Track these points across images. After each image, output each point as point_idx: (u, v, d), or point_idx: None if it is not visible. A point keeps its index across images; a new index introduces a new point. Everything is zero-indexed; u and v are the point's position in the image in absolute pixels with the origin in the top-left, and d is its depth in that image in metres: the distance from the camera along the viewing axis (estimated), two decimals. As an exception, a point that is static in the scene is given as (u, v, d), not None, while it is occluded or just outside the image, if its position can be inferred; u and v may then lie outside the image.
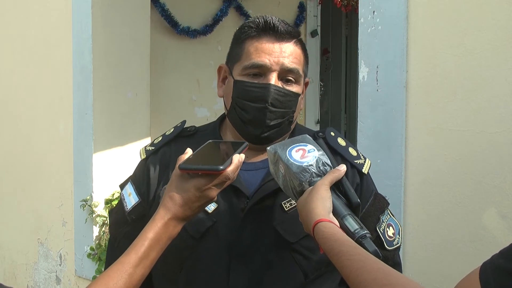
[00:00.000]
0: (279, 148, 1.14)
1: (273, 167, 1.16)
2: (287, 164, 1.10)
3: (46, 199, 3.36)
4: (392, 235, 1.31)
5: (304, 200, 1.08)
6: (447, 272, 1.69)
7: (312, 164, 1.10)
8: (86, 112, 2.96)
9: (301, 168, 1.09)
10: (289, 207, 1.24)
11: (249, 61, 1.25)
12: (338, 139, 1.35)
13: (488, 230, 1.60)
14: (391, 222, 1.33)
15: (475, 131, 1.63)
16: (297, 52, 1.27)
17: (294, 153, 1.11)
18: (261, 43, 1.25)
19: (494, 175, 1.59)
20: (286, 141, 1.16)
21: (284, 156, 1.11)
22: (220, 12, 3.87)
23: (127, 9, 3.02)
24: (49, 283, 3.42)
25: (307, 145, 1.14)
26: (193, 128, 1.40)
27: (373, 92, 1.84)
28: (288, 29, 1.25)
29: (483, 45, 1.61)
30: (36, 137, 3.39)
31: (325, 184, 1.07)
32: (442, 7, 1.69)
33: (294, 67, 1.25)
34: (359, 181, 1.31)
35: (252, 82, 1.25)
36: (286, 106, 1.25)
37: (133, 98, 3.07)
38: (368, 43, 1.86)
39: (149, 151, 1.37)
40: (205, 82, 3.94)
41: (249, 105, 1.25)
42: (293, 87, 1.26)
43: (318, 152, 1.12)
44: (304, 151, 1.12)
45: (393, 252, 1.31)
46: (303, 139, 1.16)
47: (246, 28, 1.29)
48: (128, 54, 3.04)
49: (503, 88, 1.57)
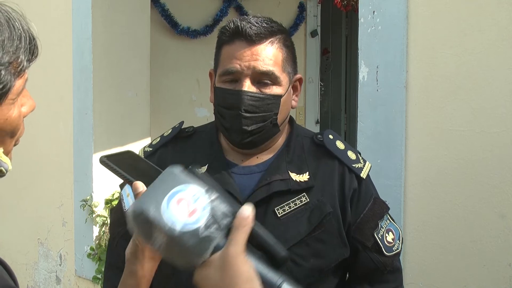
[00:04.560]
0: (147, 206, 0.72)
1: (138, 229, 0.74)
2: (173, 236, 0.70)
3: (46, 199, 3.36)
4: (391, 241, 1.30)
5: (215, 284, 0.73)
6: (447, 272, 1.69)
7: (210, 224, 0.72)
8: (86, 112, 2.96)
9: (198, 237, 0.70)
10: (282, 213, 1.23)
11: (223, 68, 1.25)
12: (337, 142, 1.33)
13: (488, 230, 1.60)
14: (391, 227, 1.31)
15: (475, 131, 1.63)
16: (272, 53, 1.23)
17: (176, 207, 0.71)
18: (233, 49, 1.24)
19: (494, 175, 1.59)
20: (153, 187, 0.74)
21: (162, 223, 0.70)
22: (220, 12, 3.87)
23: (127, 9, 3.02)
24: (49, 283, 3.42)
25: (187, 187, 0.74)
26: (191, 129, 1.39)
27: (373, 92, 1.84)
28: (260, 31, 1.22)
29: (483, 45, 1.61)
30: (36, 137, 3.39)
31: (240, 251, 0.72)
32: (442, 7, 1.69)
33: (267, 69, 1.21)
34: (357, 186, 1.28)
35: (226, 89, 1.24)
36: (264, 110, 1.22)
37: (133, 98, 3.07)
38: (368, 43, 1.86)
39: (147, 152, 1.37)
40: (205, 82, 3.92)
41: (226, 112, 1.24)
42: (271, 90, 1.23)
43: (207, 197, 0.73)
44: (187, 201, 0.73)
45: (392, 258, 1.29)
46: (173, 175, 0.76)
47: (221, 34, 1.28)
48: (128, 54, 3.04)
49: (503, 88, 1.57)
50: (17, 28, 0.76)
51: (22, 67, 0.77)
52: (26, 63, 0.78)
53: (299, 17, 4.45)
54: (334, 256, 1.24)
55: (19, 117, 0.80)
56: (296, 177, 1.26)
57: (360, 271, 1.30)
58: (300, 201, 1.24)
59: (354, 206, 1.28)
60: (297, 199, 1.24)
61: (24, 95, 0.82)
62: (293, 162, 1.29)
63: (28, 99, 0.83)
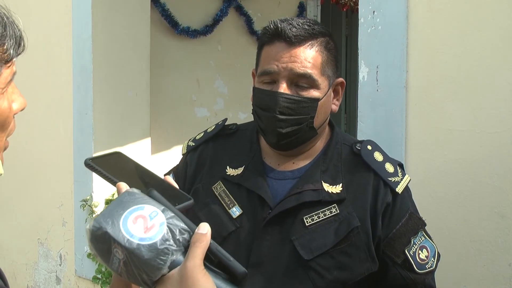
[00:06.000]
0: (105, 222, 0.74)
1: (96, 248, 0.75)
2: (131, 249, 0.72)
3: (46, 199, 3.36)
4: (425, 258, 1.26)
5: None
6: (447, 272, 1.69)
7: (168, 239, 0.74)
8: (86, 112, 2.96)
9: (156, 250, 0.73)
10: (310, 222, 1.21)
11: (262, 68, 1.25)
12: (375, 153, 1.30)
13: (488, 230, 1.60)
14: (426, 244, 1.28)
15: (475, 131, 1.62)
16: (311, 55, 1.22)
17: (132, 226, 0.74)
18: (272, 50, 1.23)
19: (494, 175, 1.59)
20: (112, 207, 0.78)
21: (121, 237, 0.73)
22: (220, 12, 3.87)
23: (127, 9, 3.02)
24: (49, 283, 3.42)
25: (144, 206, 0.77)
26: (234, 127, 1.39)
27: (373, 92, 1.84)
28: (300, 33, 1.22)
29: (483, 45, 1.60)
30: (36, 137, 3.39)
31: (198, 265, 0.73)
32: (442, 7, 1.69)
33: (304, 71, 1.21)
34: (391, 201, 1.25)
35: (262, 90, 1.24)
36: (299, 113, 1.21)
37: (133, 98, 3.07)
38: (368, 43, 1.86)
39: (190, 147, 1.39)
40: (205, 82, 3.93)
41: (262, 114, 1.24)
42: (308, 93, 1.22)
43: (164, 215, 0.76)
44: (145, 218, 0.75)
45: (424, 276, 1.26)
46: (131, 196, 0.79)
47: (262, 34, 1.28)
48: (128, 54, 3.04)
49: (503, 88, 1.57)
50: (0, 17, 0.77)
51: (8, 54, 0.77)
52: (13, 52, 0.78)
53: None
54: (360, 270, 1.22)
55: (9, 110, 0.80)
56: (328, 188, 1.24)
57: (389, 287, 1.27)
58: (330, 212, 1.23)
59: (387, 221, 1.25)
60: (327, 210, 1.23)
61: (14, 91, 0.82)
62: (328, 171, 1.27)
63: (18, 96, 0.83)
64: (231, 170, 1.30)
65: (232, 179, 1.28)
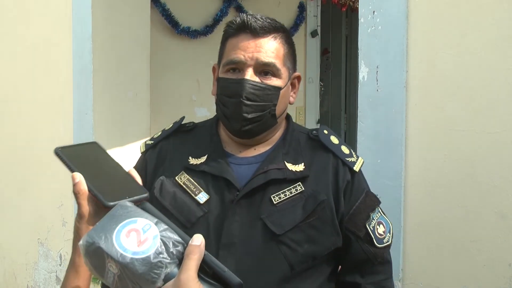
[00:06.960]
0: (98, 237, 0.74)
1: (91, 262, 0.75)
2: (125, 264, 0.72)
3: (46, 199, 3.36)
4: (382, 233, 1.34)
5: None
6: (447, 272, 1.69)
7: (161, 252, 0.73)
8: (86, 112, 2.96)
9: (150, 264, 0.72)
10: (278, 201, 1.27)
11: (227, 58, 1.31)
12: (331, 137, 1.38)
13: (488, 230, 1.60)
14: (382, 220, 1.36)
15: (475, 131, 1.63)
16: (275, 47, 1.30)
17: (126, 240, 0.73)
18: (238, 41, 1.30)
19: (494, 175, 1.59)
20: (104, 221, 0.77)
21: (114, 252, 0.72)
22: (220, 12, 3.87)
23: (127, 9, 3.02)
24: (49, 283, 3.42)
25: (137, 220, 0.76)
26: (191, 124, 1.45)
27: (373, 92, 1.84)
28: (264, 25, 1.29)
29: (483, 45, 1.61)
30: (36, 137, 3.39)
31: (192, 277, 0.74)
32: (442, 7, 1.69)
33: (269, 60, 1.28)
34: (350, 179, 1.33)
35: (228, 78, 1.30)
36: (264, 99, 1.28)
37: (133, 98, 3.07)
38: (368, 43, 1.86)
39: (148, 145, 1.43)
40: (205, 82, 3.93)
41: (228, 100, 1.30)
42: (271, 81, 1.29)
43: (157, 228, 0.76)
44: (138, 231, 0.74)
45: (383, 250, 1.34)
46: (125, 210, 0.78)
47: (227, 27, 1.35)
48: (128, 54, 3.04)
49: (503, 88, 1.57)
50: None
51: None
52: None
53: (299, 17, 4.45)
54: (328, 243, 1.28)
55: None
56: (292, 167, 1.31)
57: (352, 262, 1.34)
58: (295, 189, 1.29)
59: (347, 197, 1.32)
60: (292, 188, 1.29)
61: None
62: (289, 153, 1.34)
63: None
64: (194, 159, 1.34)
65: (196, 167, 1.32)
